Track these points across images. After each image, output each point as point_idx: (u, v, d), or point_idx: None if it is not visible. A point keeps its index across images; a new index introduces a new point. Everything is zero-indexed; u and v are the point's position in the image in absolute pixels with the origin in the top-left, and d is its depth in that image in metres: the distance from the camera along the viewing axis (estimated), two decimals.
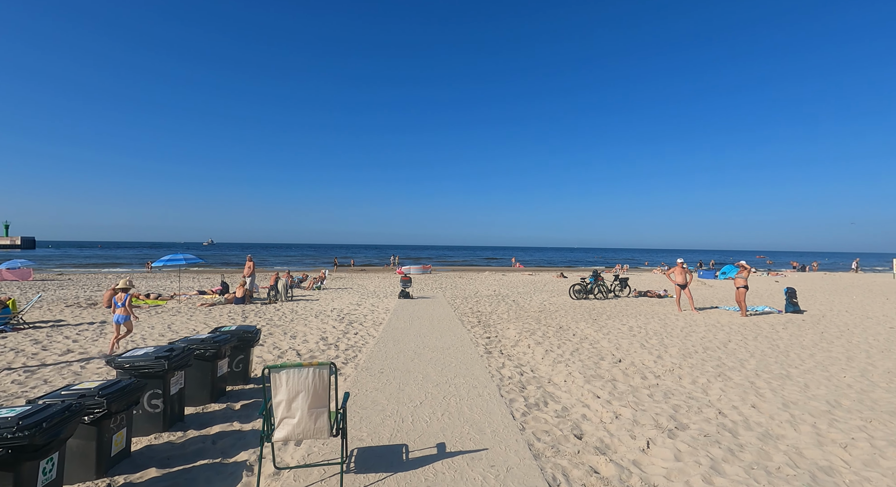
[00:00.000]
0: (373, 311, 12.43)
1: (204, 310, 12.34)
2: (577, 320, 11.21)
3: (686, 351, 7.74)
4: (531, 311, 12.83)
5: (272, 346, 7.90)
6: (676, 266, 13.06)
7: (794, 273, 37.03)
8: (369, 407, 4.76)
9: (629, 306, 14.15)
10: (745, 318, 11.61)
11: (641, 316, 12.06)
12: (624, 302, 15.32)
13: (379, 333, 9.11)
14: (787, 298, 12.94)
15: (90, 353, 7.16)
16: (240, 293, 13.76)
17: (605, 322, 10.98)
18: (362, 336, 8.93)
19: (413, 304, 13.97)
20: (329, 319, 11.02)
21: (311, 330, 9.61)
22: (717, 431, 4.18)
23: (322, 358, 7.11)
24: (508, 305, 14.17)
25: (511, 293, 18.33)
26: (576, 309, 13.44)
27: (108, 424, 3.19)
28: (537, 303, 14.72)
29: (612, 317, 11.69)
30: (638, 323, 10.71)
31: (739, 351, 7.79)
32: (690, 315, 12.19)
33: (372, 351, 7.49)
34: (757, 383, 5.77)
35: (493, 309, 13.13)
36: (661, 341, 8.63)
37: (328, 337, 8.75)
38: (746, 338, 8.92)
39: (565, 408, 4.86)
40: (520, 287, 21.58)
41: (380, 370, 6.27)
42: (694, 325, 10.50)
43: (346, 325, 10.14)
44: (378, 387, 5.47)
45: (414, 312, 12.18)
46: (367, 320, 10.93)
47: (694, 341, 8.61)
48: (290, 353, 7.39)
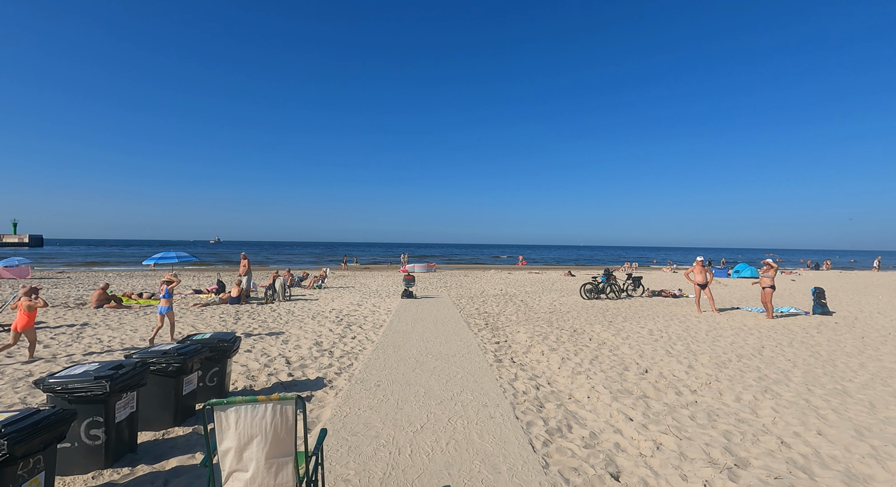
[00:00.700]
0: (374, 312, 11.67)
1: (196, 311, 11.63)
2: (591, 322, 10.39)
3: (718, 359, 6.90)
4: (541, 312, 12.01)
5: (260, 352, 7.15)
6: (696, 264, 12.18)
7: (808, 271, 35.88)
8: (360, 433, 3.98)
9: (644, 307, 13.29)
10: (773, 320, 10.73)
11: (659, 317, 11.21)
12: (638, 302, 14.46)
13: (378, 337, 8.35)
14: (815, 299, 12.03)
15: (58, 361, 6.44)
16: (235, 292, 13.05)
17: (621, 324, 10.15)
18: (360, 340, 8.16)
19: (416, 305, 13.20)
20: (327, 321, 10.27)
21: (305, 333, 8.86)
22: (788, 470, 3.36)
23: (313, 367, 6.35)
24: (517, 306, 13.36)
25: (518, 292, 17.52)
26: (588, 310, 12.61)
27: (13, 472, 2.44)
28: (547, 304, 13.90)
29: (628, 319, 10.86)
30: (657, 326, 9.87)
31: (778, 359, 6.94)
32: (712, 316, 11.32)
33: (369, 358, 6.72)
34: (813, 401, 4.93)
35: (501, 310, 12.33)
36: (686, 347, 7.80)
37: (323, 342, 7.99)
38: (781, 344, 8.06)
39: (594, 434, 4.05)
40: (527, 286, 20.76)
41: (376, 382, 5.50)
42: (719, 328, 9.65)
43: (344, 328, 9.38)
44: (373, 405, 4.70)
45: (417, 313, 11.41)
46: (366, 322, 10.16)
47: (723, 347, 7.77)
48: (279, 361, 6.64)
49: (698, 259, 12.23)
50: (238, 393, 5.14)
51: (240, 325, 9.62)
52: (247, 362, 6.55)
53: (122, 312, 11.15)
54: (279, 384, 5.52)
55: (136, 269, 30.04)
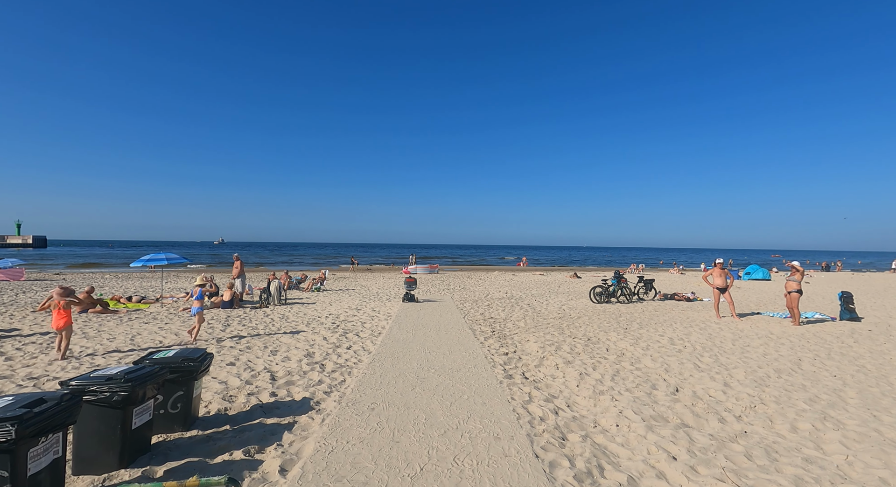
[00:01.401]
0: (372, 318, 10.92)
1: (185, 316, 10.92)
2: (605, 329, 9.61)
3: (755, 374, 6.12)
4: (550, 318, 11.24)
5: (244, 366, 6.42)
6: (715, 267, 11.38)
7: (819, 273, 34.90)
8: (346, 478, 3.23)
9: (658, 311, 12.50)
10: (801, 328, 9.93)
11: (677, 323, 10.43)
12: (651, 306, 13.67)
13: (376, 347, 7.60)
14: (843, 304, 11.22)
15: (15, 377, 5.72)
16: (227, 296, 12.33)
17: (638, 331, 9.37)
18: (356, 351, 7.42)
19: (418, 309, 12.45)
20: (322, 328, 9.53)
21: (298, 341, 8.12)
22: None
23: (301, 384, 5.60)
24: (523, 310, 12.60)
25: (524, 295, 16.74)
26: (599, 314, 11.84)
27: None
28: (555, 308, 13.13)
29: (644, 326, 10.07)
30: (677, 334, 9.09)
31: (822, 375, 6.15)
32: (733, 323, 10.52)
33: (365, 373, 5.97)
34: (885, 432, 4.15)
35: (508, 315, 11.57)
36: (715, 359, 7.02)
37: (315, 353, 7.25)
38: (819, 356, 7.27)
39: (632, 480, 3.29)
40: (532, 288, 19.98)
41: (370, 405, 4.75)
42: (744, 337, 8.86)
43: (340, 336, 8.64)
44: (364, 436, 3.95)
45: (419, 319, 10.66)
46: (364, 329, 9.42)
47: (756, 359, 6.99)
48: (264, 376, 5.90)
49: (717, 261, 11.41)
50: (209, 421, 4.40)
51: (227, 333, 8.89)
52: (227, 378, 5.81)
53: (104, 318, 10.44)
54: (259, 406, 4.78)
55: (134, 271, 29.43)
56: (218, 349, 7.45)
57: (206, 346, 7.66)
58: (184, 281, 21.67)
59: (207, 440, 3.91)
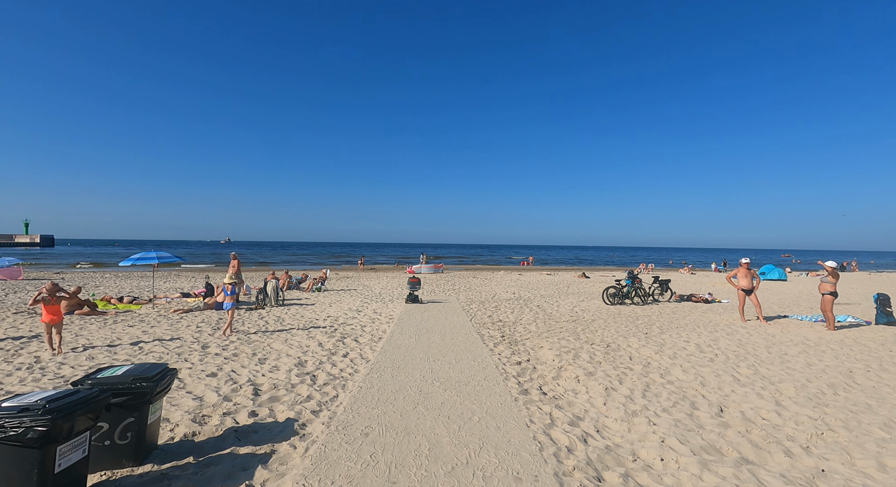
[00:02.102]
0: (373, 321, 10.18)
1: (174, 318, 10.23)
2: (623, 334, 8.81)
3: (806, 390, 5.31)
4: (563, 321, 10.45)
5: (226, 377, 5.68)
6: (740, 267, 10.53)
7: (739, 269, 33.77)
8: None
9: (677, 314, 11.67)
10: (837, 333, 9.07)
11: (700, 328, 9.61)
12: (668, 308, 12.83)
13: (376, 355, 6.85)
14: (879, 307, 10.33)
15: None
16: (220, 297, 11.63)
17: (660, 337, 8.57)
18: (353, 359, 6.67)
19: (422, 311, 11.70)
20: (318, 332, 8.80)
21: (290, 348, 7.39)
22: None
23: (287, 400, 4.85)
24: (533, 312, 11.81)
25: (533, 296, 15.94)
26: (615, 317, 11.03)
27: None
28: (567, 310, 12.33)
29: (665, 330, 9.26)
30: (703, 340, 8.28)
31: (884, 390, 5.33)
32: (761, 327, 9.68)
33: (360, 386, 5.22)
34: None
35: (517, 318, 10.79)
36: (754, 370, 6.21)
37: (308, 362, 6.51)
38: (870, 367, 6.43)
39: None
40: (541, 288, 19.17)
41: (364, 429, 4.00)
42: (778, 343, 8.03)
43: (337, 342, 7.90)
44: (354, 474, 3.20)
45: (422, 322, 9.90)
46: (364, 333, 8.68)
47: (800, 370, 6.17)
48: (246, 390, 5.17)
49: (743, 261, 10.55)
50: (170, 451, 3.65)
51: (216, 337, 8.18)
52: (204, 392, 5.08)
53: (88, 321, 9.77)
54: (233, 431, 4.04)
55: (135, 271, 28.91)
56: (201, 356, 6.73)
57: (191, 352, 6.95)
58: (183, 281, 21.05)
59: (161, 479, 3.17)
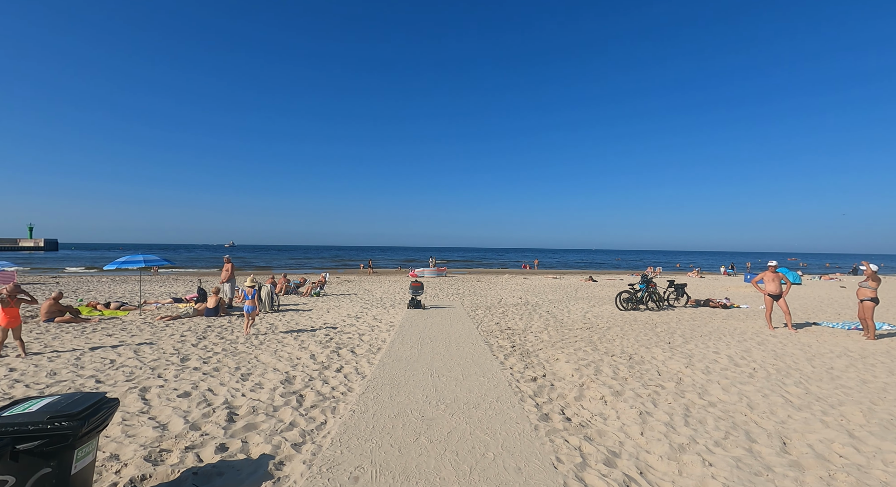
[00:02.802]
0: (372, 328, 9.42)
1: (160, 325, 9.50)
2: (644, 344, 8.02)
3: (875, 414, 4.49)
4: (576, 328, 9.66)
5: (201, 397, 4.92)
6: (767, 270, 9.71)
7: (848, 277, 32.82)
8: None
9: (697, 321, 10.86)
10: (879, 343, 8.24)
11: (726, 336, 8.80)
12: (686, 314, 12.01)
13: (373, 369, 6.09)
14: None
15: None
16: (212, 303, 10.89)
17: (685, 347, 7.77)
18: (348, 374, 5.90)
19: (425, 317, 10.92)
20: (312, 342, 8.04)
21: (279, 360, 6.63)
22: None
23: (265, 428, 4.08)
24: (544, 319, 11.02)
25: (541, 301, 15.14)
26: (631, 324, 10.23)
27: None
28: (579, 316, 11.53)
29: (689, 339, 8.46)
30: (734, 351, 7.47)
31: None
32: (792, 335, 8.85)
33: (353, 411, 4.45)
34: None
35: (527, 325, 10.00)
36: (804, 389, 5.40)
37: (296, 378, 5.75)
38: None
39: None
40: (548, 293, 18.37)
41: (353, 472, 3.22)
42: (818, 355, 7.21)
43: (331, 353, 7.14)
44: None
45: (425, 330, 9.13)
46: (362, 343, 7.92)
47: (856, 388, 5.36)
48: (220, 414, 4.41)
49: (771, 264, 9.72)
50: None
51: (200, 347, 7.43)
52: (170, 418, 4.31)
53: (66, 328, 9.05)
54: (192, 473, 3.26)
55: (134, 274, 28.29)
56: (178, 371, 5.98)
57: (167, 366, 6.20)
58: (180, 285, 20.37)
59: None
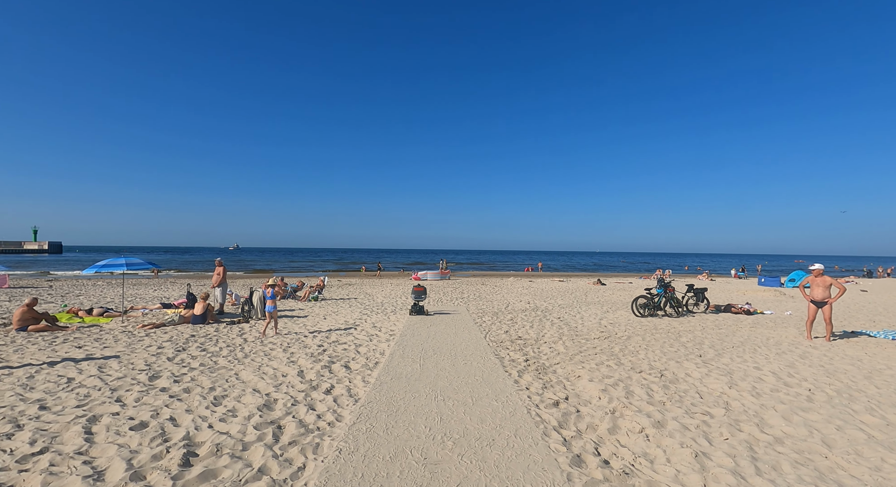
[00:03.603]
0: (371, 338, 8.56)
1: (140, 334, 8.67)
2: (672, 356, 7.12)
3: None
4: (592, 338, 8.76)
5: (158, 429, 4.06)
6: (812, 274, 8.78)
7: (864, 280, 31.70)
8: None
9: (722, 329, 9.94)
10: None
11: (761, 347, 7.89)
12: (709, 321, 11.09)
13: (368, 390, 5.22)
14: None
15: None
16: (199, 309, 10.06)
17: (718, 361, 6.87)
18: (338, 396, 5.04)
19: (428, 325, 10.06)
20: (303, 354, 7.18)
21: (261, 378, 5.77)
22: None
23: (228, 474, 3.22)
24: (556, 326, 10.13)
25: (550, 306, 14.24)
26: (652, 333, 9.32)
27: None
28: (593, 323, 10.63)
29: (721, 352, 7.55)
30: (776, 366, 6.56)
31: None
32: (835, 347, 7.92)
33: (340, 450, 3.58)
34: None
35: (539, 334, 9.12)
36: (882, 418, 4.50)
37: (277, 402, 4.89)
38: None
39: None
40: (556, 297, 17.46)
41: None
42: (877, 371, 6.28)
43: (323, 368, 6.28)
44: None
45: (428, 339, 8.26)
46: (358, 355, 7.05)
47: None
48: (176, 454, 3.54)
49: (816, 267, 8.74)
50: None
51: (177, 361, 6.58)
52: (111, 461, 3.46)
53: (36, 338, 8.22)
54: None
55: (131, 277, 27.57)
56: (142, 393, 5.12)
57: (130, 386, 5.34)
58: (178, 290, 19.58)
59: None
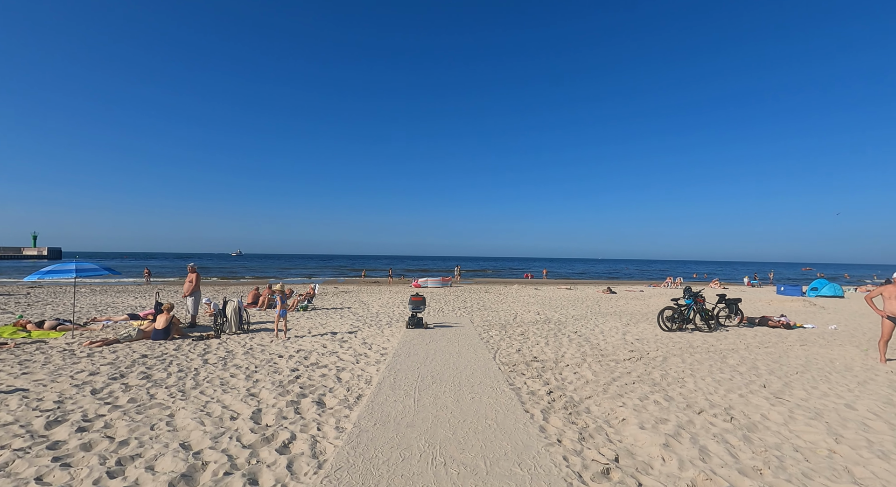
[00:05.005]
0: (357, 359, 7.06)
1: (83, 353, 7.18)
2: (728, 386, 5.61)
3: None
4: (622, 359, 7.26)
5: None
6: (887, 285, 7.31)
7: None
8: None
9: (768, 346, 8.43)
10: None
11: (834, 374, 6.39)
12: (748, 337, 9.57)
13: (341, 445, 3.72)
14: None
15: None
16: (161, 322, 8.58)
17: (790, 394, 5.37)
18: (295, 459, 3.53)
19: (427, 341, 8.55)
20: (269, 382, 5.68)
21: (201, 422, 4.27)
22: None
23: None
24: (575, 343, 8.62)
25: (563, 317, 12.72)
26: (690, 352, 7.82)
27: None
28: (617, 339, 9.12)
29: (786, 380, 6.04)
30: (868, 402, 5.06)
31: None
32: None
33: None
34: None
35: (558, 353, 7.62)
36: None
37: (208, 466, 3.38)
38: None
39: None
40: (567, 307, 15.94)
41: None
42: None
43: (288, 406, 4.78)
44: None
45: (427, 361, 6.76)
46: (338, 385, 5.56)
47: None
48: None
49: None
50: None
51: (98, 398, 5.04)
52: None
53: None
54: None
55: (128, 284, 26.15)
56: (22, 450, 3.62)
57: (11, 439, 3.86)
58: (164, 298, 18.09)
59: None
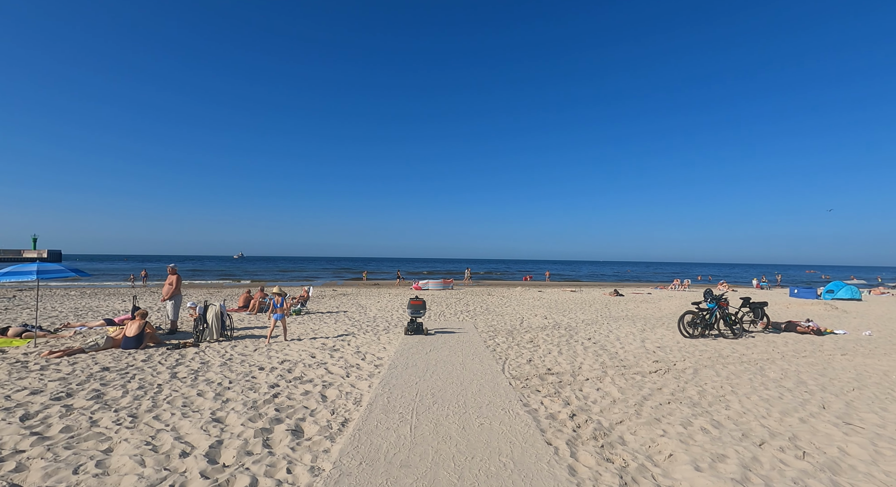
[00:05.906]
0: (349, 372, 6.16)
1: (38, 365, 6.28)
2: (781, 407, 4.72)
3: None
4: (647, 371, 6.36)
5: None
6: None
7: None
8: None
9: (807, 356, 7.53)
10: None
11: (890, 388, 5.49)
12: (779, 344, 8.65)
13: None
14: None
15: None
16: (132, 329, 7.69)
17: (856, 416, 4.47)
18: None
19: (427, 350, 7.65)
20: (240, 402, 4.79)
21: (139, 464, 3.38)
22: None
23: None
24: (591, 352, 7.71)
25: (573, 322, 11.81)
26: (721, 363, 6.92)
27: None
28: (636, 347, 8.21)
29: (846, 399, 5.14)
30: None
31: None
32: None
33: None
34: None
35: (574, 364, 6.72)
36: None
37: None
38: None
39: None
40: (576, 310, 15.02)
41: None
42: None
43: (257, 436, 3.88)
44: None
45: (426, 375, 5.86)
46: (321, 406, 4.66)
47: None
48: None
49: None
50: None
51: (27, 425, 4.18)
52: None
53: None
54: None
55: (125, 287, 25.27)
56: None
57: None
58: (147, 301, 17.23)
59: None
